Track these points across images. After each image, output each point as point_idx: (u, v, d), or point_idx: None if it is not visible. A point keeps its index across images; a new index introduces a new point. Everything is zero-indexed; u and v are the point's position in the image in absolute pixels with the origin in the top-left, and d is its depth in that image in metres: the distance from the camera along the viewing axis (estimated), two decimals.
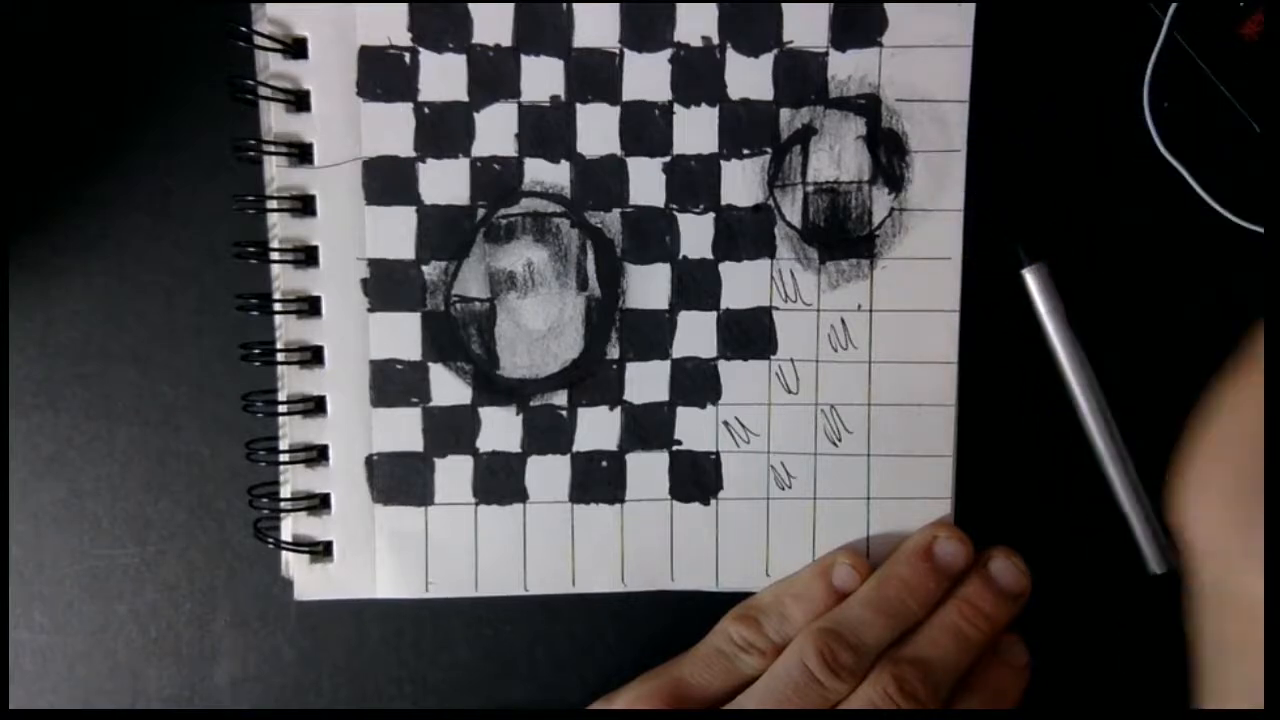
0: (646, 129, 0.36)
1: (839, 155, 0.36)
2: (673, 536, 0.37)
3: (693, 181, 0.36)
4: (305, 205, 0.36)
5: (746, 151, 0.36)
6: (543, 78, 0.36)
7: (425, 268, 0.37)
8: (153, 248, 0.37)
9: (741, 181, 0.36)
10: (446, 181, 0.36)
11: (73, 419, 0.38)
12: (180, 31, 0.37)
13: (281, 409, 0.37)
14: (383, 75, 0.36)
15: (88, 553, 0.38)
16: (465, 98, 0.36)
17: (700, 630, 0.37)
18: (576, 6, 0.36)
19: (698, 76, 0.36)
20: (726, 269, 0.37)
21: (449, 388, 0.37)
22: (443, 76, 0.36)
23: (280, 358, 0.36)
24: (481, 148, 0.36)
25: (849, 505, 0.37)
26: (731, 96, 0.36)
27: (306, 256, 0.36)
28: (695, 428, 0.37)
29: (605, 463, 0.37)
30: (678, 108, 0.36)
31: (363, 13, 0.36)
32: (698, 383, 0.37)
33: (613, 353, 0.37)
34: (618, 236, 0.37)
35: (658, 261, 0.37)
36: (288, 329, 0.37)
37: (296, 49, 0.36)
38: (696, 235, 0.36)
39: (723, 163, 0.36)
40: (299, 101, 0.36)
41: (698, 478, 0.37)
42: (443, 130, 0.36)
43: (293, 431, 0.37)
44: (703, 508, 0.37)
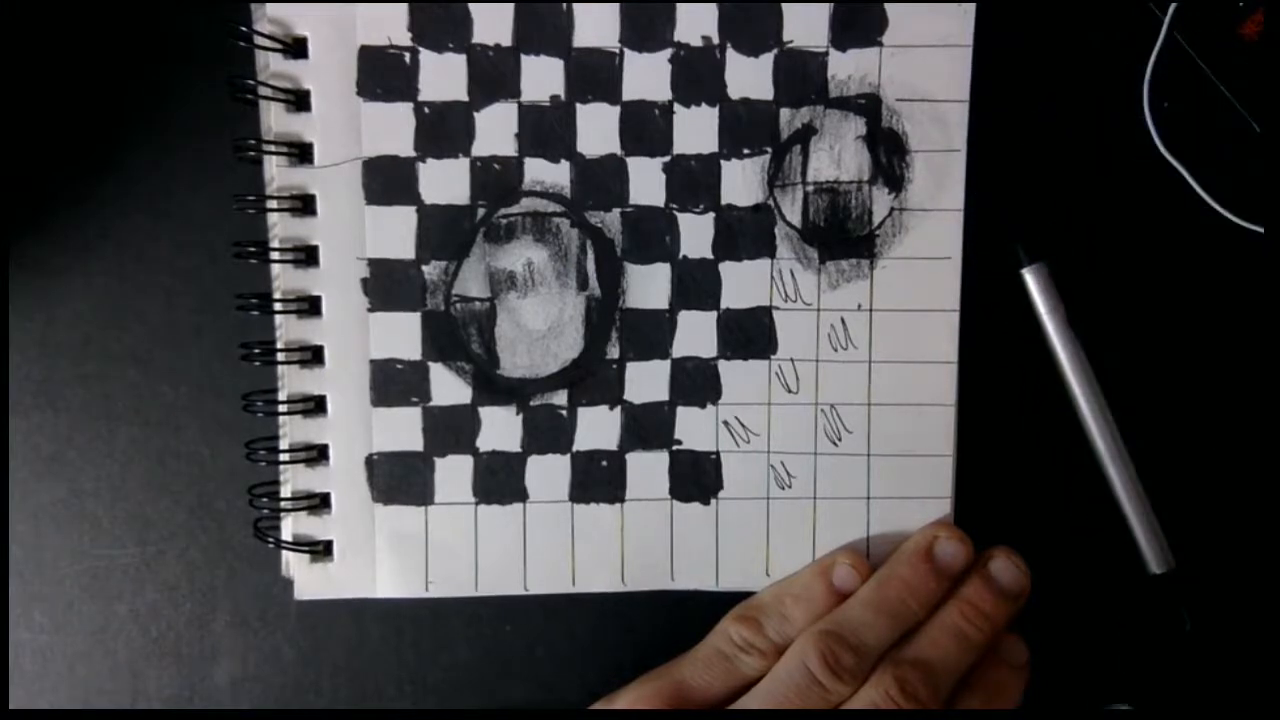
0: (646, 129, 0.36)
1: (839, 155, 0.36)
2: (673, 536, 0.37)
3: (693, 181, 0.36)
4: (305, 205, 0.36)
5: (746, 151, 0.36)
6: (543, 77, 0.36)
7: (425, 267, 0.37)
8: (153, 248, 0.37)
9: (741, 181, 0.36)
10: (447, 181, 0.36)
11: (73, 419, 0.38)
12: (180, 31, 0.37)
13: (281, 409, 0.37)
14: (383, 75, 0.36)
15: (88, 553, 0.38)
16: (465, 97, 0.36)
17: (700, 630, 0.37)
18: (576, 6, 0.36)
19: (698, 76, 0.36)
20: (726, 269, 0.37)
21: (449, 387, 0.37)
22: (443, 76, 0.36)
23: (280, 357, 0.36)
24: (481, 147, 0.36)
25: (849, 505, 0.37)
26: (731, 96, 0.36)
27: (306, 256, 0.36)
28: (695, 427, 0.37)
29: (605, 462, 0.37)
30: (678, 107, 0.36)
31: (363, 13, 0.36)
32: (698, 382, 0.37)
33: (613, 352, 0.37)
34: (618, 236, 0.37)
35: (658, 261, 0.37)
36: (288, 329, 0.37)
37: (296, 49, 0.36)
38: (696, 235, 0.36)
39: (723, 162, 0.36)
40: (299, 101, 0.36)
41: (698, 477, 0.37)
42: (443, 130, 0.36)
43: (293, 431, 0.37)
44: (703, 507, 0.37)
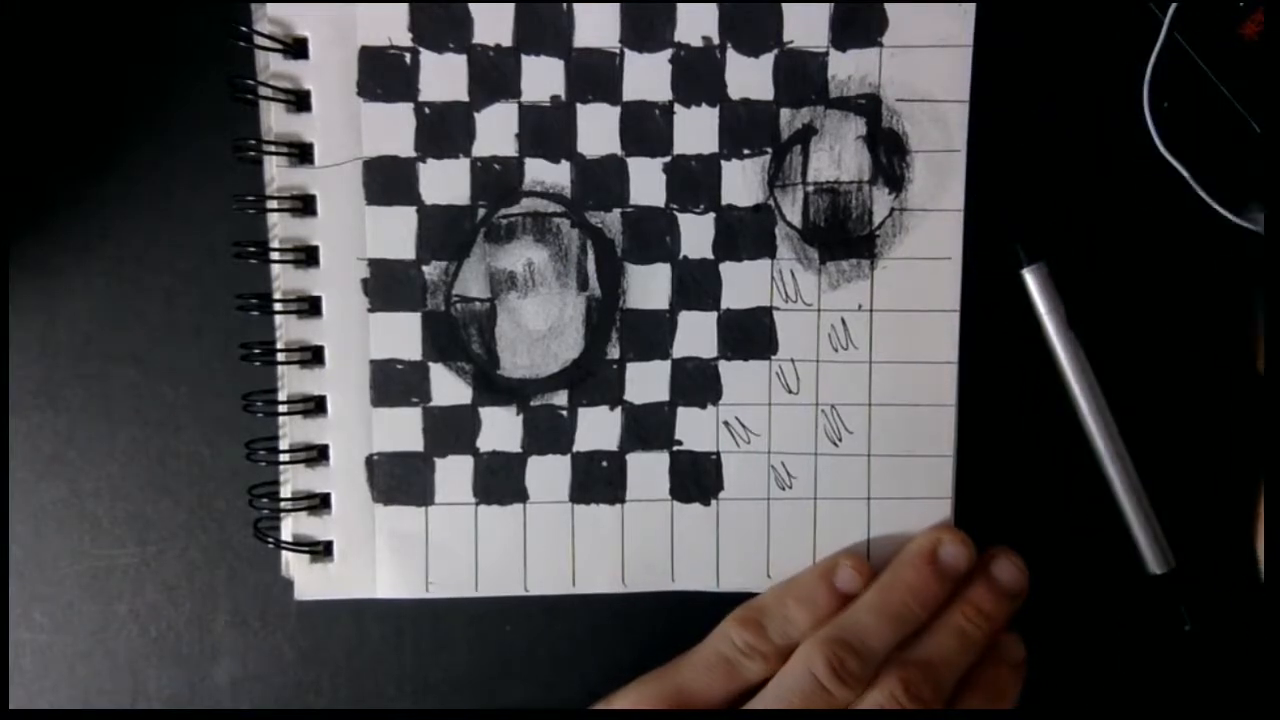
0: (647, 129, 0.36)
1: (839, 155, 0.36)
2: (673, 537, 0.37)
3: (693, 181, 0.36)
4: (305, 205, 0.36)
5: (747, 151, 0.36)
6: (543, 78, 0.36)
7: (426, 268, 0.37)
8: (153, 248, 0.37)
9: (742, 181, 0.36)
10: (447, 181, 0.36)
11: (73, 419, 0.38)
12: (180, 31, 0.37)
13: (281, 409, 0.37)
14: (383, 75, 0.36)
15: (88, 553, 0.38)
16: (465, 98, 0.36)
17: (701, 630, 0.37)
18: (577, 6, 0.36)
19: (698, 76, 0.36)
20: (727, 269, 0.37)
21: (449, 388, 0.37)
22: (443, 76, 0.36)
23: (280, 358, 0.36)
24: (482, 148, 0.36)
25: (849, 505, 0.37)
26: (732, 96, 0.36)
27: (307, 256, 0.36)
28: (696, 428, 0.37)
29: (605, 463, 0.37)
30: (678, 108, 0.36)
31: (363, 13, 0.36)
32: (698, 383, 0.37)
33: (613, 353, 0.37)
34: (618, 236, 0.37)
35: (658, 261, 0.37)
36: (288, 329, 0.37)
37: (297, 49, 0.36)
38: (697, 235, 0.36)
39: (723, 163, 0.36)
40: (299, 101, 0.36)
41: (698, 478, 0.37)
42: (443, 130, 0.36)
43: (293, 431, 0.37)
44: (703, 508, 0.37)
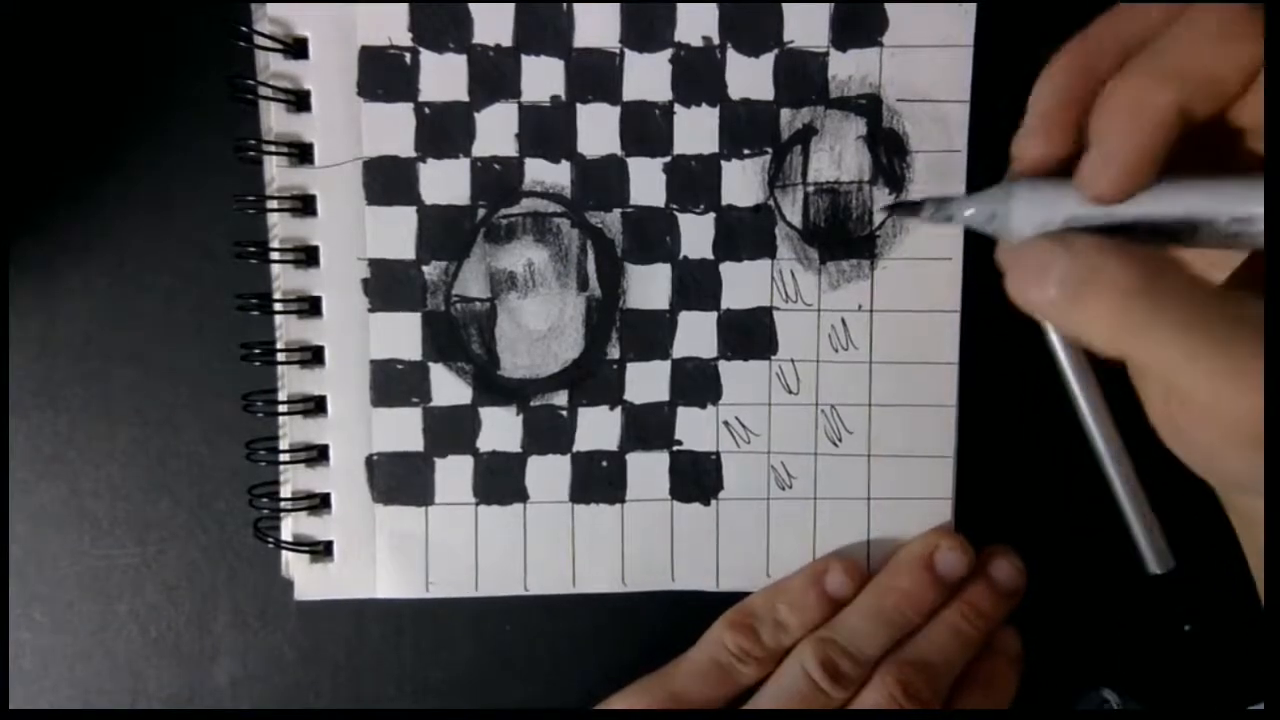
0: (647, 129, 0.36)
1: (839, 155, 0.36)
2: (673, 536, 0.37)
3: (693, 181, 0.36)
4: (306, 205, 0.36)
5: (747, 151, 0.36)
6: (543, 78, 0.36)
7: (426, 268, 0.37)
8: (153, 248, 0.37)
9: (742, 181, 0.36)
10: (447, 181, 0.36)
11: (73, 419, 0.38)
12: (180, 31, 0.37)
13: (282, 409, 0.37)
14: (383, 75, 0.36)
15: (88, 553, 0.38)
16: (465, 98, 0.36)
17: (700, 630, 0.37)
18: (577, 6, 0.36)
19: (698, 76, 0.36)
20: (727, 269, 0.37)
21: (449, 388, 0.37)
22: (443, 76, 0.36)
23: (280, 358, 0.36)
24: (482, 148, 0.36)
25: (849, 505, 0.37)
26: (732, 96, 0.36)
27: (307, 256, 0.36)
28: (695, 428, 0.37)
29: (605, 463, 0.37)
30: (678, 108, 0.36)
31: (363, 13, 0.36)
32: (698, 383, 0.37)
33: (613, 353, 0.37)
34: (618, 236, 0.37)
35: (658, 262, 0.37)
36: (288, 329, 0.37)
37: (297, 49, 0.36)
38: (697, 235, 0.36)
39: (723, 163, 0.36)
40: (299, 101, 0.36)
41: (698, 478, 0.37)
42: (443, 130, 0.36)
43: (293, 431, 0.37)
44: (703, 508, 0.37)
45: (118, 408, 0.38)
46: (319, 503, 0.37)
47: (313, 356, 0.37)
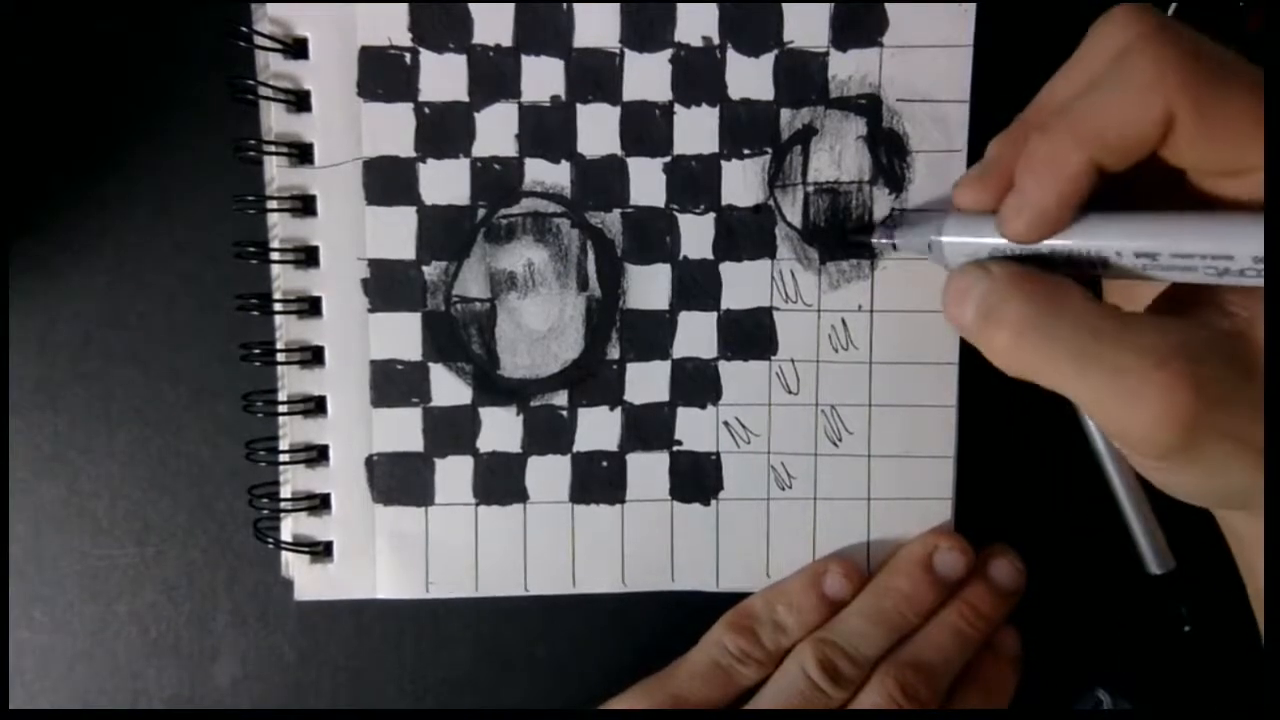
0: (647, 129, 0.36)
1: (840, 155, 0.36)
2: (673, 537, 0.37)
3: (693, 182, 0.36)
4: (305, 205, 0.36)
5: (747, 151, 0.36)
6: (543, 78, 0.36)
7: (426, 268, 0.37)
8: (153, 248, 0.37)
9: (742, 182, 0.36)
10: (447, 182, 0.36)
11: (73, 419, 0.38)
12: (180, 31, 0.37)
13: (281, 409, 0.37)
14: (383, 75, 0.36)
15: (88, 553, 0.38)
16: (465, 98, 0.36)
17: (700, 630, 0.37)
18: (577, 6, 0.36)
19: (698, 76, 0.36)
20: (727, 269, 0.37)
21: (449, 388, 0.37)
22: (443, 76, 0.36)
23: (280, 358, 0.36)
24: (482, 148, 0.36)
25: (849, 506, 0.37)
26: (732, 96, 0.36)
27: (307, 256, 0.36)
28: (695, 428, 0.37)
29: (605, 463, 0.37)
30: (678, 108, 0.36)
31: (363, 13, 0.36)
32: (698, 383, 0.37)
33: (613, 353, 0.37)
34: (618, 237, 0.37)
35: (658, 262, 0.37)
36: (288, 329, 0.37)
37: (297, 49, 0.36)
38: (697, 235, 0.36)
39: (723, 163, 0.36)
40: (299, 101, 0.36)
41: (698, 478, 0.37)
42: (443, 130, 0.36)
43: (293, 431, 0.37)
44: (703, 508, 0.37)
45: (118, 408, 0.38)
46: (319, 503, 0.37)
47: (313, 356, 0.37)
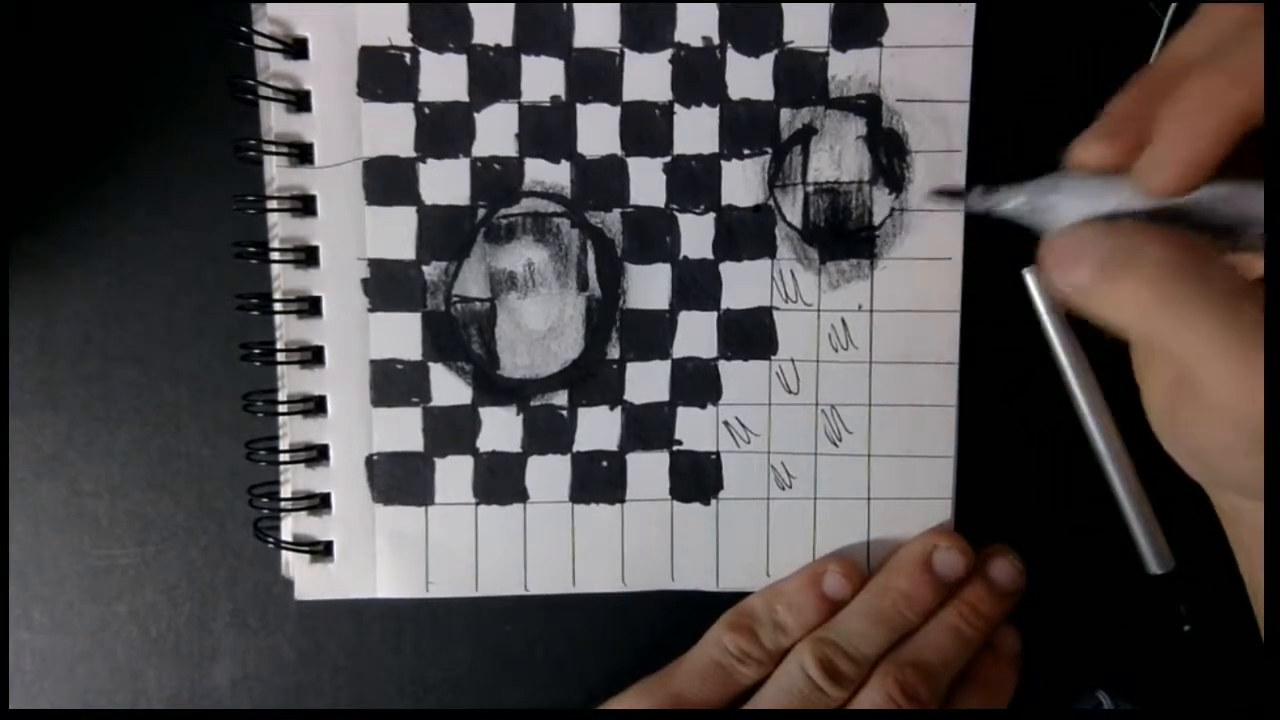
0: (647, 129, 0.36)
1: (839, 155, 0.36)
2: (673, 536, 0.37)
3: (693, 181, 0.36)
4: (305, 205, 0.36)
5: (747, 151, 0.36)
6: (543, 78, 0.36)
7: (426, 268, 0.37)
8: (153, 248, 0.37)
9: (742, 181, 0.36)
10: (447, 182, 0.36)
11: (73, 419, 0.38)
12: (180, 31, 0.37)
13: (282, 409, 0.37)
14: (383, 75, 0.36)
15: (88, 553, 0.38)
16: (465, 98, 0.36)
17: (700, 629, 0.37)
18: (577, 6, 0.36)
19: (698, 76, 0.36)
20: (727, 269, 0.37)
21: (449, 388, 0.37)
22: (443, 76, 0.36)
23: (280, 358, 0.36)
24: (482, 148, 0.36)
25: (849, 505, 0.37)
26: (732, 96, 0.36)
27: (307, 256, 0.36)
28: (695, 428, 0.37)
29: (605, 463, 0.37)
30: (678, 108, 0.36)
31: (363, 13, 0.36)
32: (698, 383, 0.37)
33: (613, 353, 0.37)
34: (618, 237, 0.37)
35: (658, 262, 0.37)
36: (288, 329, 0.37)
37: (297, 49, 0.36)
38: (697, 235, 0.36)
39: (723, 163, 0.36)
40: (299, 101, 0.36)
41: (698, 478, 0.37)
42: (443, 130, 0.36)
43: (293, 431, 0.37)
44: (703, 508, 0.37)
45: (118, 408, 0.38)
46: (319, 503, 0.37)
47: (313, 356, 0.37)
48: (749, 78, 0.36)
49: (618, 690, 0.36)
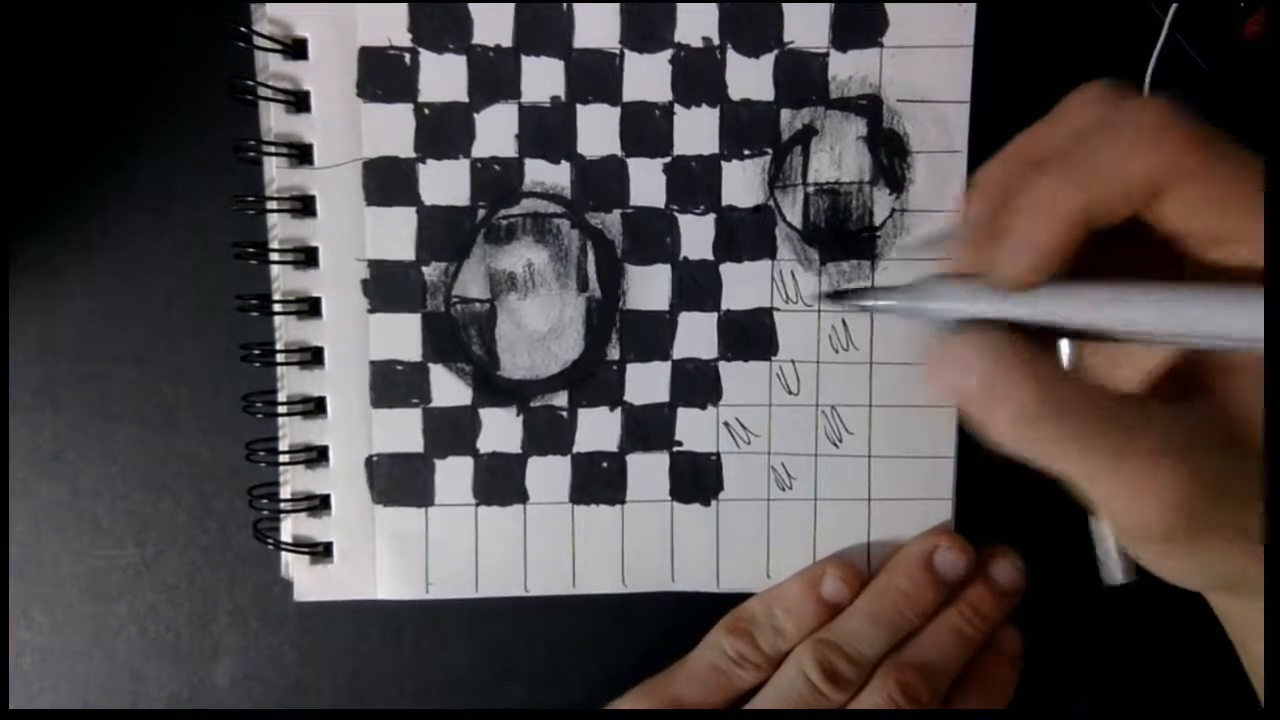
0: (647, 130, 0.36)
1: (840, 156, 0.36)
2: (673, 537, 0.37)
3: (693, 182, 0.36)
4: (305, 206, 0.36)
5: (747, 152, 0.36)
6: (543, 78, 0.36)
7: (425, 269, 0.37)
8: (153, 248, 0.37)
9: (742, 182, 0.36)
10: (447, 182, 0.36)
11: (73, 419, 0.38)
12: (180, 31, 0.36)
13: (281, 410, 0.37)
14: (383, 76, 0.36)
15: (88, 553, 0.38)
16: (465, 98, 0.36)
17: (701, 631, 0.37)
18: (577, 7, 0.36)
19: (698, 77, 0.36)
20: (727, 270, 0.37)
21: (449, 389, 0.37)
22: (443, 77, 0.36)
23: (280, 358, 0.36)
24: (482, 148, 0.36)
25: (849, 506, 0.37)
26: (732, 97, 0.36)
27: (306, 257, 0.36)
28: (696, 429, 0.37)
29: (606, 464, 0.37)
30: (678, 108, 0.36)
31: (363, 13, 0.36)
32: (698, 384, 0.37)
33: (613, 354, 0.37)
34: (618, 237, 0.37)
35: (658, 262, 0.37)
36: (288, 330, 0.37)
37: (296, 49, 0.36)
38: (697, 236, 0.36)
39: (723, 163, 0.36)
40: (299, 102, 0.36)
41: (698, 479, 0.37)
42: (443, 131, 0.36)
43: (293, 432, 0.37)
44: (703, 509, 0.37)
45: (118, 408, 0.38)
46: (319, 504, 0.37)
47: (312, 357, 0.37)
48: (749, 78, 0.36)
49: (618, 691, 0.36)
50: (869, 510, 0.37)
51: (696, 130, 0.36)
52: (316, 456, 0.37)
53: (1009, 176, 0.28)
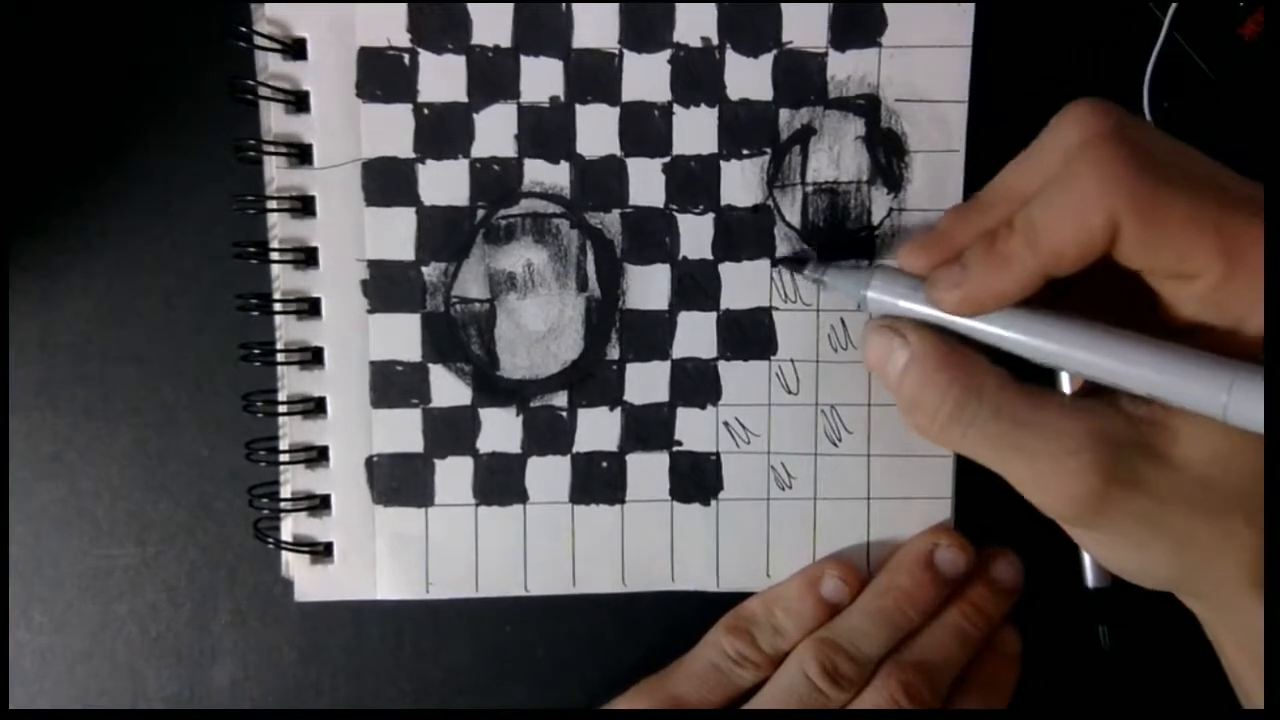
0: (646, 129, 0.36)
1: (838, 155, 0.36)
2: (673, 537, 0.37)
3: (692, 182, 0.36)
4: (305, 206, 0.36)
5: (746, 152, 0.36)
6: (542, 78, 0.36)
7: (425, 269, 0.37)
8: (153, 248, 0.37)
9: (741, 182, 0.36)
10: (446, 182, 0.36)
11: (73, 419, 0.38)
12: (180, 31, 0.37)
13: (281, 409, 0.37)
14: (382, 76, 0.36)
15: (88, 553, 0.38)
16: (465, 98, 0.36)
17: (701, 630, 0.37)
18: (576, 7, 0.36)
19: (697, 77, 0.36)
20: (726, 269, 0.37)
21: (449, 389, 0.37)
22: (442, 77, 0.36)
23: (280, 358, 0.36)
24: (481, 148, 0.36)
25: (849, 505, 0.37)
26: (731, 97, 0.36)
27: (306, 257, 0.36)
28: (695, 428, 0.37)
29: (605, 463, 0.37)
30: (677, 108, 0.36)
31: (362, 13, 0.36)
32: (698, 383, 0.37)
33: (613, 353, 0.37)
34: (617, 237, 0.37)
35: (657, 262, 0.37)
36: (288, 330, 0.37)
37: (296, 49, 0.36)
38: (696, 236, 0.36)
39: (722, 163, 0.36)
40: (299, 102, 0.36)
41: (698, 478, 0.37)
42: (442, 131, 0.36)
43: (293, 432, 0.37)
44: (703, 508, 0.37)
45: (118, 408, 0.38)
46: (319, 504, 0.37)
47: (312, 357, 0.37)
48: (748, 78, 0.36)
49: (618, 691, 0.36)
50: (868, 509, 0.37)
51: (695, 130, 0.36)
52: (316, 456, 0.37)
53: (980, 211, 0.30)
